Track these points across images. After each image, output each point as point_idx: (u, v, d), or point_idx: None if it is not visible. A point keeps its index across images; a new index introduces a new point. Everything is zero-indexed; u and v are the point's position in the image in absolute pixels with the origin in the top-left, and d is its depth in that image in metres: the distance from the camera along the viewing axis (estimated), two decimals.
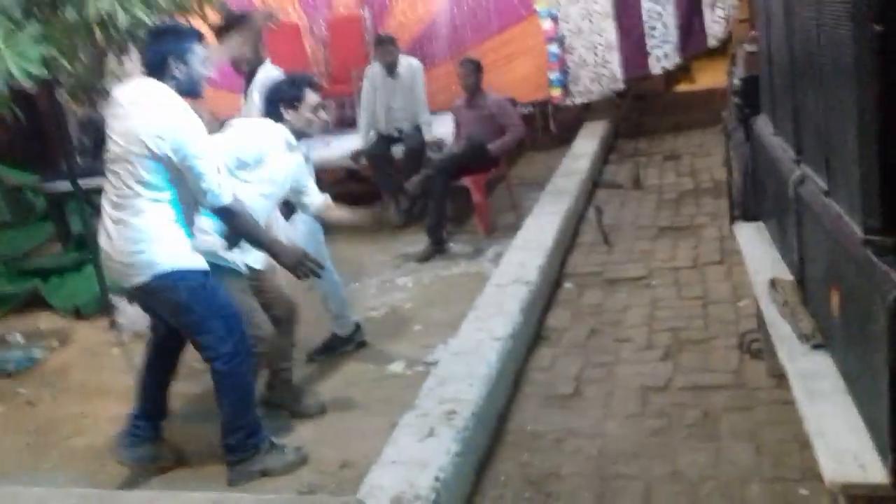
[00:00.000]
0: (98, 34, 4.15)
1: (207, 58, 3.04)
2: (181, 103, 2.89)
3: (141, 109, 2.83)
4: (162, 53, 2.91)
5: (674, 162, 7.05)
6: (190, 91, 2.99)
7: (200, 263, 2.98)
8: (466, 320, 3.77)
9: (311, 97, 3.44)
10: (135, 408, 3.29)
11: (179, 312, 2.99)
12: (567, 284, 4.62)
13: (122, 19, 3.93)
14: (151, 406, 3.27)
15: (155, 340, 3.30)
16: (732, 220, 4.93)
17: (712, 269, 4.54)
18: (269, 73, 4.53)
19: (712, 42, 7.66)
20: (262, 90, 3.91)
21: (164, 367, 3.27)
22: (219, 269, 3.13)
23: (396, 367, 3.90)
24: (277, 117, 3.41)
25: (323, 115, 3.53)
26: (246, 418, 3.07)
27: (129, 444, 3.21)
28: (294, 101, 3.40)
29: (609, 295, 4.40)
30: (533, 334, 3.95)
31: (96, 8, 3.81)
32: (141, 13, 4.03)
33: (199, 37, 3.02)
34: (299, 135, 3.47)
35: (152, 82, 2.90)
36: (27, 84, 3.76)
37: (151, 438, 3.24)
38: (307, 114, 3.44)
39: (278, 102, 3.41)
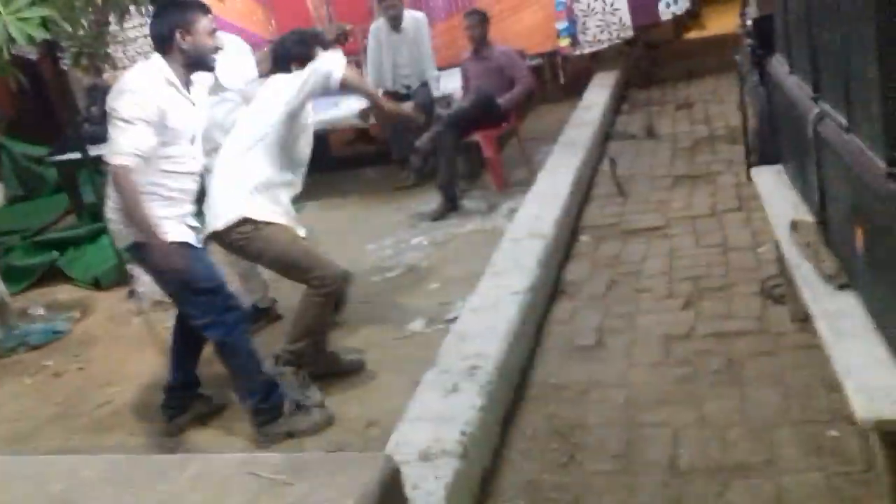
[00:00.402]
0: None
1: (214, 30, 3.06)
2: (136, 78, 2.92)
3: None
4: (168, 26, 2.94)
5: (687, 110, 6.96)
6: (199, 62, 3.02)
7: (177, 234, 2.99)
8: (484, 276, 3.76)
9: (321, 54, 3.43)
10: (168, 379, 3.36)
11: (159, 281, 3.11)
12: (584, 237, 4.59)
13: None
14: (181, 376, 3.33)
15: (179, 314, 3.32)
16: (749, 165, 4.89)
17: (730, 217, 4.50)
18: None
19: None
20: None
21: (193, 337, 3.29)
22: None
23: (416, 325, 3.90)
24: (287, 73, 3.41)
25: None
26: (255, 381, 3.10)
27: (169, 416, 3.32)
28: (305, 59, 3.38)
29: (627, 246, 4.37)
30: (552, 288, 3.93)
31: None
32: None
33: (204, 9, 3.04)
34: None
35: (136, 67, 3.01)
36: (29, 48, 3.73)
37: (186, 407, 3.34)
38: None
39: (289, 60, 3.41)
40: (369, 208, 6.00)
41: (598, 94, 7.19)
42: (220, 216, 3.24)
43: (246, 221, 3.22)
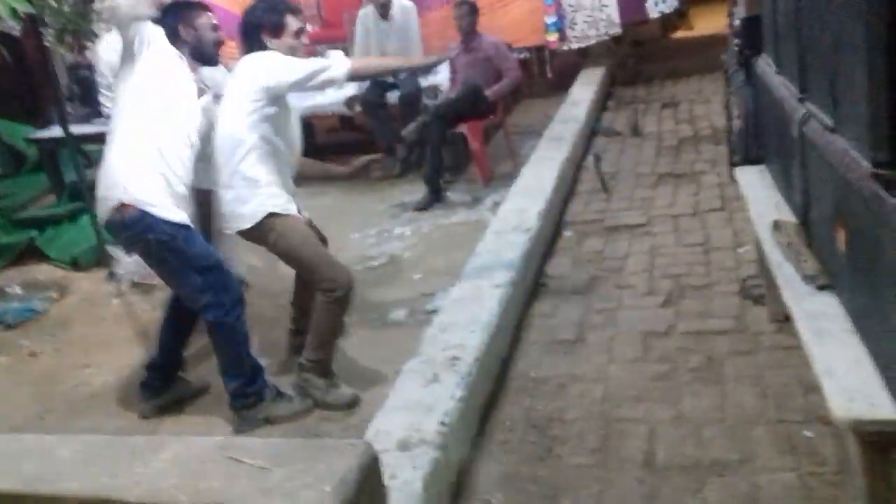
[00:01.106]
0: None
1: (216, 25, 3.23)
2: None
3: None
4: (171, 25, 3.08)
5: (672, 109, 6.99)
6: (204, 57, 3.21)
7: (174, 215, 2.98)
8: (466, 268, 3.76)
9: (293, 21, 3.23)
10: (150, 358, 3.35)
11: (153, 264, 3.09)
12: (567, 232, 4.61)
13: None
14: (166, 357, 3.32)
15: (174, 294, 3.29)
16: (733, 165, 4.92)
17: (713, 216, 4.52)
18: None
19: None
20: None
21: (182, 320, 3.28)
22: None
23: (398, 314, 3.90)
24: (260, 46, 3.20)
25: (306, 41, 3.36)
26: (241, 367, 3.09)
27: (147, 396, 3.31)
28: (277, 27, 3.20)
29: (609, 242, 4.39)
30: (533, 282, 3.94)
31: None
32: None
33: (203, 6, 3.24)
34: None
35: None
36: (13, 24, 3.68)
37: (166, 389, 3.33)
38: (290, 40, 3.23)
39: (260, 29, 3.20)
40: (353, 197, 5.98)
41: (584, 90, 7.20)
42: (247, 217, 3.14)
43: (270, 216, 3.15)
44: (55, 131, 5.67)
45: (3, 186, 7.29)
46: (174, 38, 3.08)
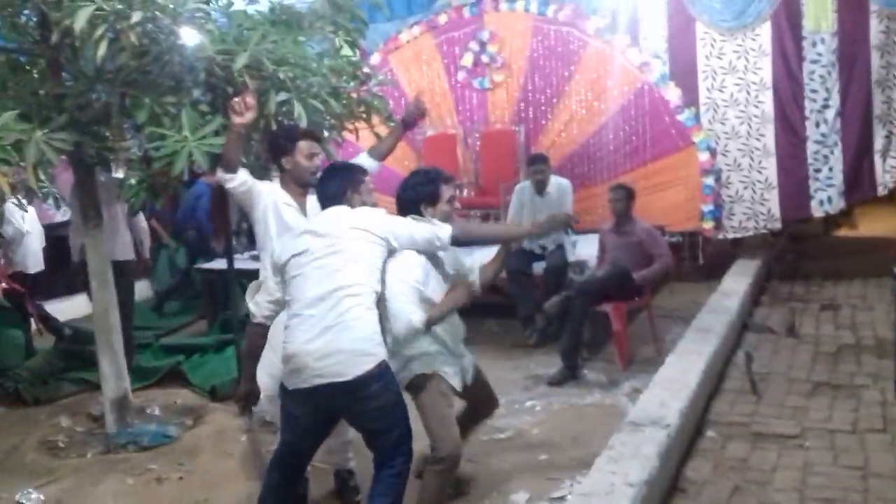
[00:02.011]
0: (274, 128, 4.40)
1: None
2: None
3: None
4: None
5: (832, 312, 6.61)
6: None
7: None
8: (599, 459, 3.56)
9: (446, 191, 3.41)
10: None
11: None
12: (710, 433, 4.32)
13: (299, 111, 4.10)
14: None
15: (280, 459, 3.25)
16: None
17: (873, 438, 4.13)
18: None
19: (881, 191, 7.30)
20: None
21: (291, 487, 3.28)
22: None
23: (519, 497, 3.72)
24: (417, 215, 3.36)
25: (457, 206, 3.51)
26: None
27: None
28: (433, 198, 3.38)
29: (756, 450, 4.07)
30: (669, 484, 3.68)
31: (275, 101, 4.03)
32: (315, 113, 4.24)
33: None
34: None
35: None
36: (204, 168, 4.02)
37: None
38: (444, 207, 3.41)
39: (418, 202, 3.37)
40: (486, 362, 5.87)
41: (737, 281, 6.97)
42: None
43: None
44: (219, 263, 6.06)
45: (167, 307, 7.83)
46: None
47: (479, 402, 3.72)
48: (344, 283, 3.01)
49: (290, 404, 3.10)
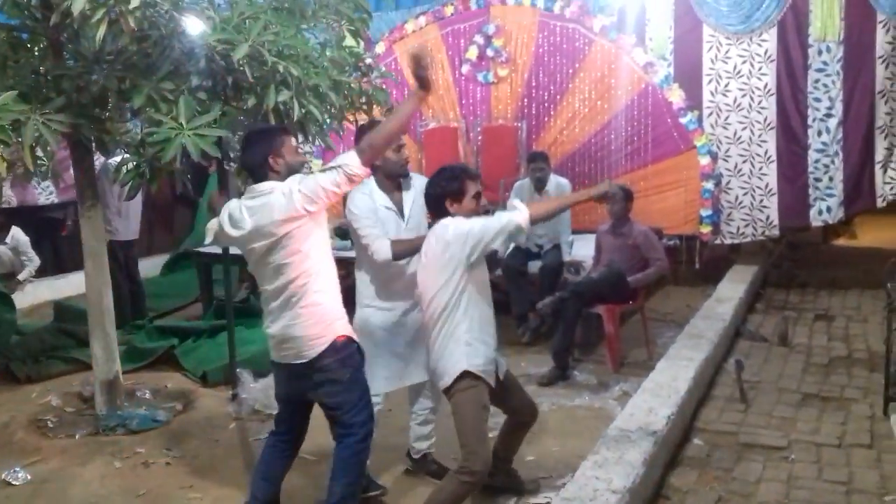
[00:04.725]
0: (272, 122, 4.39)
1: (298, 147, 3.31)
2: None
3: None
4: (261, 155, 3.12)
5: (826, 322, 6.61)
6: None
7: None
8: (585, 464, 3.57)
9: (471, 186, 3.38)
10: (248, 498, 3.35)
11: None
12: (696, 440, 4.33)
13: (297, 111, 4.11)
14: (262, 499, 3.30)
15: (276, 435, 3.36)
16: (888, 399, 4.55)
17: (859, 453, 4.13)
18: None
19: (881, 203, 7.29)
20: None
21: (282, 462, 3.33)
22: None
23: (505, 500, 3.73)
24: (444, 213, 3.35)
25: (484, 201, 3.46)
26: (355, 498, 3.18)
27: None
28: (458, 194, 3.35)
29: (741, 461, 4.08)
30: (653, 491, 3.69)
31: (275, 99, 4.02)
32: (314, 108, 4.23)
33: (284, 131, 3.24)
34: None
35: None
36: (197, 159, 4.00)
37: None
38: (469, 204, 3.37)
39: (444, 198, 3.35)
40: None
41: (733, 287, 6.96)
42: (448, 372, 3.29)
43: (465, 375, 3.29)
44: (215, 248, 6.04)
45: (169, 281, 7.83)
46: (263, 168, 3.13)
47: (518, 409, 3.66)
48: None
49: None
